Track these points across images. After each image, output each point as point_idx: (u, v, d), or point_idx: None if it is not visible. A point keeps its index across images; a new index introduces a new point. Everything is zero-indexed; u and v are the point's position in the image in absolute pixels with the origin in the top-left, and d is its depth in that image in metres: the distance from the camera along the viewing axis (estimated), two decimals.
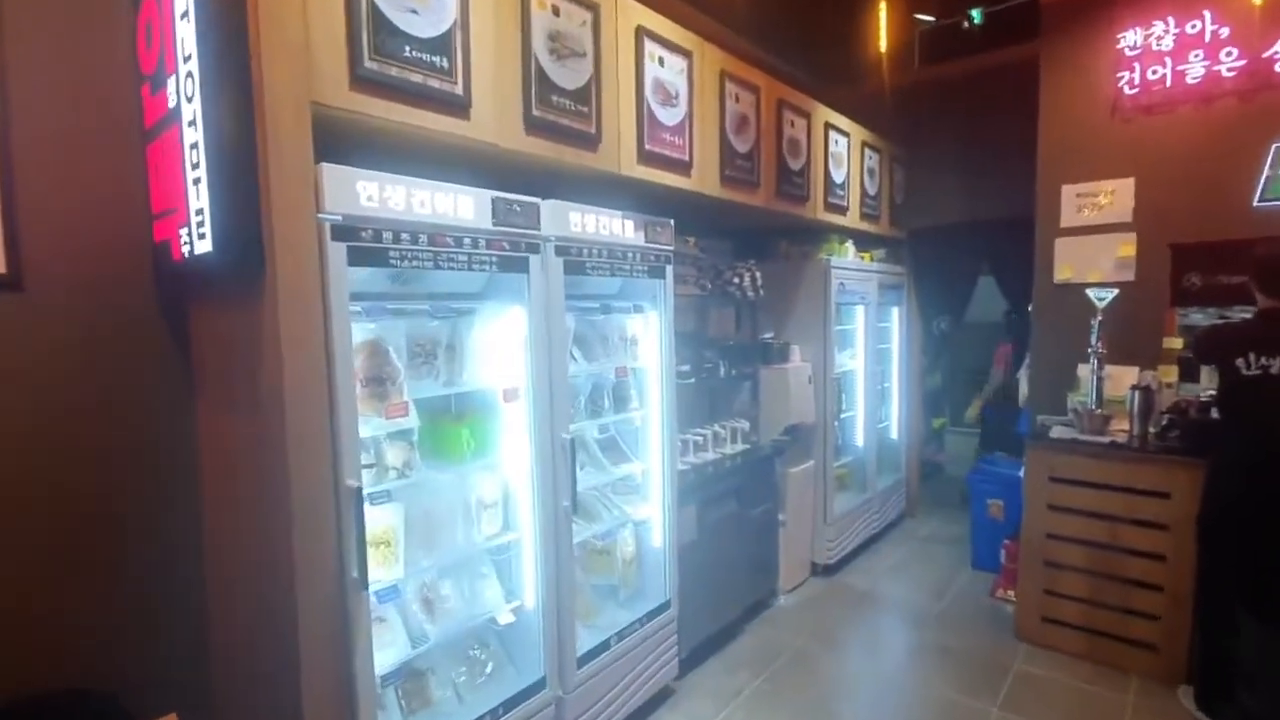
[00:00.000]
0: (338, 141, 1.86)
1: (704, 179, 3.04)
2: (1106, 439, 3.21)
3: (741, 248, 4.49)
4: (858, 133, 4.40)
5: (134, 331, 1.98)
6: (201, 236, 1.70)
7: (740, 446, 3.79)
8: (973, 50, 4.46)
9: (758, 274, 3.72)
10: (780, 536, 3.92)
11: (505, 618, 2.39)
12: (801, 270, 4.20)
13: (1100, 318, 3.38)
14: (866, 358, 4.72)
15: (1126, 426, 3.23)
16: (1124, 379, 3.46)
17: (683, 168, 2.90)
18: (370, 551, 1.97)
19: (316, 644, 1.73)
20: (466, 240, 2.04)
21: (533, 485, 2.34)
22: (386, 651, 2.03)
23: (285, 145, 1.63)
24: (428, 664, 2.25)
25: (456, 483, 2.28)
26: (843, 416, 4.61)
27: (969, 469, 4.96)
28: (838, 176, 4.16)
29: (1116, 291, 3.42)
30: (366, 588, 1.80)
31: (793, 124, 3.65)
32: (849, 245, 4.48)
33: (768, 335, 4.19)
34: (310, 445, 1.69)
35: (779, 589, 3.95)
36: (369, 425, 1.91)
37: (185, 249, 1.80)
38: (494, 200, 2.10)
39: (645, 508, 3.01)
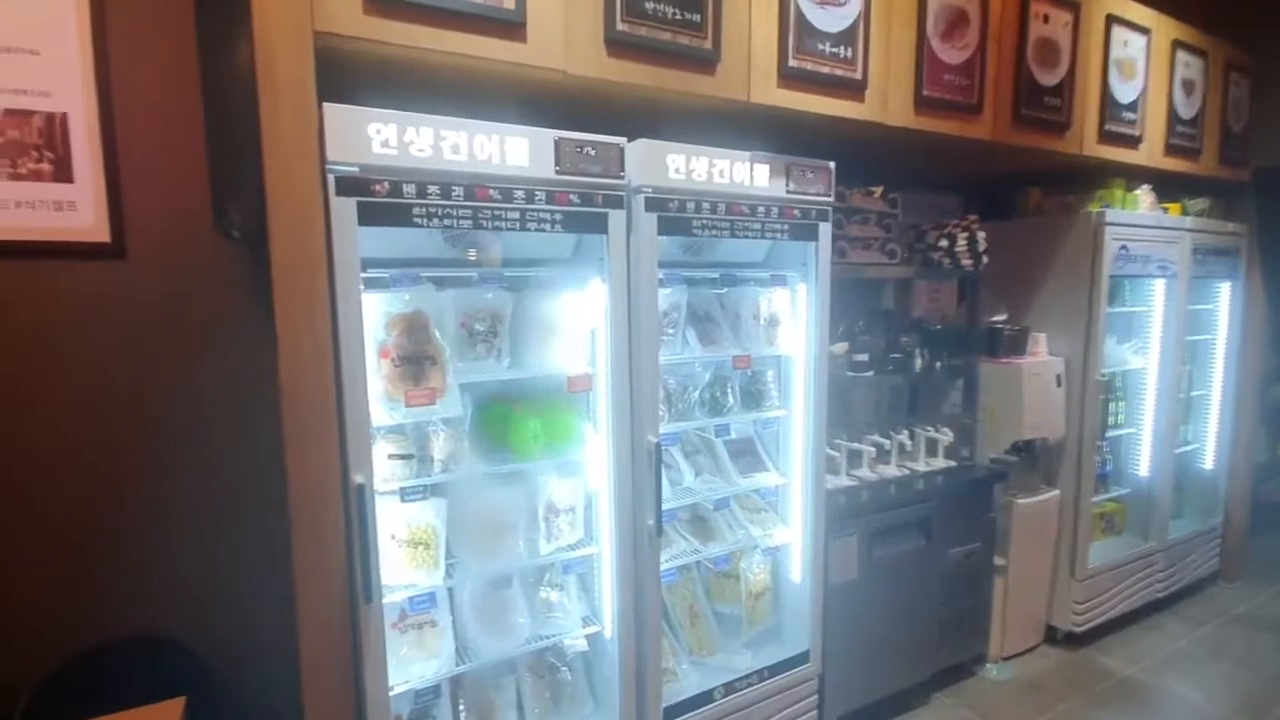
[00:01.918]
0: (358, 83, 1.60)
1: (886, 104, 2.24)
2: None
3: (972, 200, 3.45)
4: (1164, 27, 3.02)
5: (214, 292, 1.98)
6: None
7: (940, 463, 2.90)
8: None
9: (979, 235, 2.74)
10: (997, 586, 2.95)
11: (577, 643, 2.03)
12: (1057, 229, 3.04)
13: None
14: (1164, 353, 3.33)
15: None
16: None
17: (850, 89, 2.15)
18: (406, 552, 1.75)
19: (319, 655, 1.54)
20: (519, 193, 1.65)
21: (610, 496, 1.92)
22: (427, 664, 1.80)
23: (282, 84, 1.40)
24: (487, 679, 1.99)
25: (520, 482, 1.95)
26: (1115, 433, 3.33)
27: None
28: (1124, 94, 2.90)
29: None
30: (370, 599, 1.56)
31: (1045, 18, 2.57)
32: (1142, 193, 3.15)
33: (998, 318, 3.14)
34: (310, 434, 1.48)
35: (989, 654, 2.99)
36: (400, 413, 1.66)
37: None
38: (558, 142, 1.68)
39: (783, 531, 2.39)
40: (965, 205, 3.45)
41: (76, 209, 1.87)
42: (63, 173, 1.83)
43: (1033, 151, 2.69)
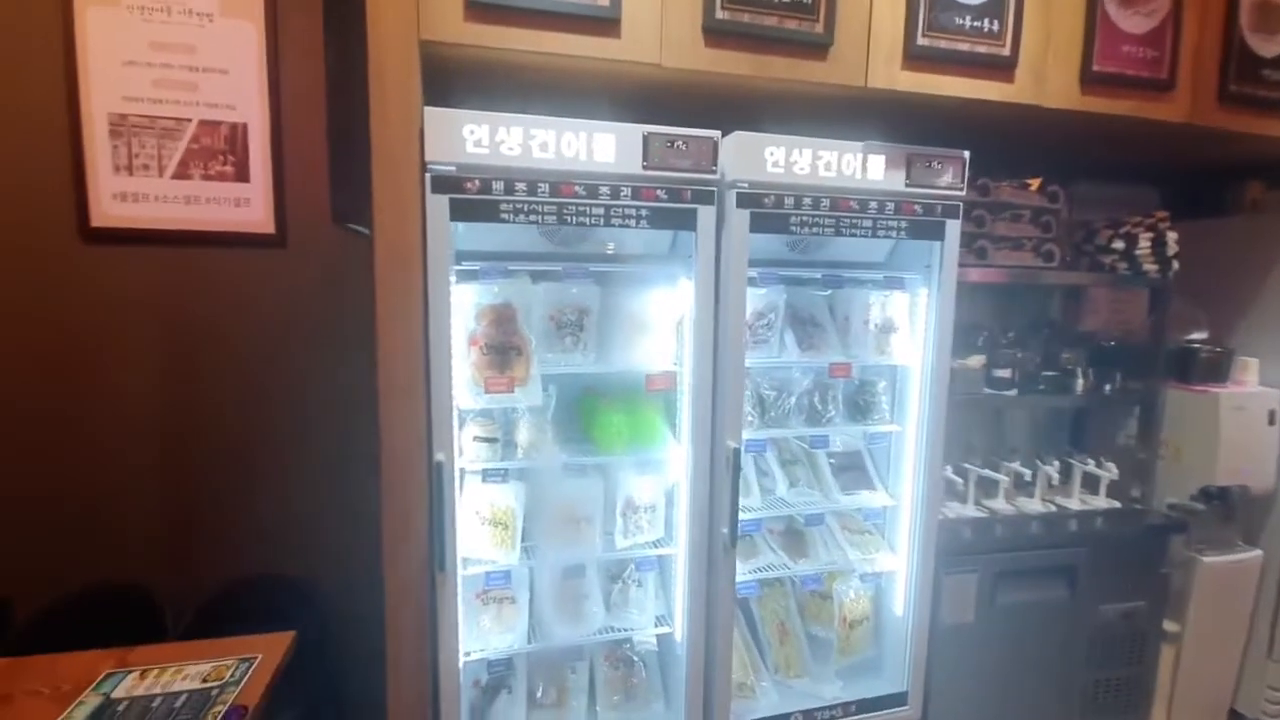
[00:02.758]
0: (455, 84, 1.69)
1: (1042, 82, 1.93)
2: None
3: (1170, 193, 2.89)
4: None
5: (351, 279, 2.21)
6: None
7: (1101, 503, 2.49)
8: None
9: (1169, 236, 2.28)
10: (1165, 656, 2.47)
11: (648, 641, 2.03)
12: (1275, 231, 2.45)
13: None
14: None
15: None
16: None
17: (996, 67, 1.88)
18: (488, 530, 1.85)
19: (399, 614, 1.68)
20: (604, 189, 1.66)
21: (686, 499, 1.88)
22: (502, 637, 1.90)
23: (390, 90, 1.52)
24: (561, 661, 2.05)
25: (601, 475, 1.97)
26: None
27: None
28: None
29: None
30: (444, 567, 1.67)
31: None
32: None
33: (1195, 337, 2.60)
34: (400, 413, 1.61)
35: None
36: (484, 398, 1.75)
37: None
38: (647, 137, 1.66)
39: (888, 558, 2.19)
40: (1162, 200, 2.90)
41: (250, 205, 2.19)
42: (241, 174, 2.16)
43: (1244, 137, 2.18)
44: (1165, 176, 2.85)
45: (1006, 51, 1.87)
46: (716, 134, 1.71)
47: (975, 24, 1.83)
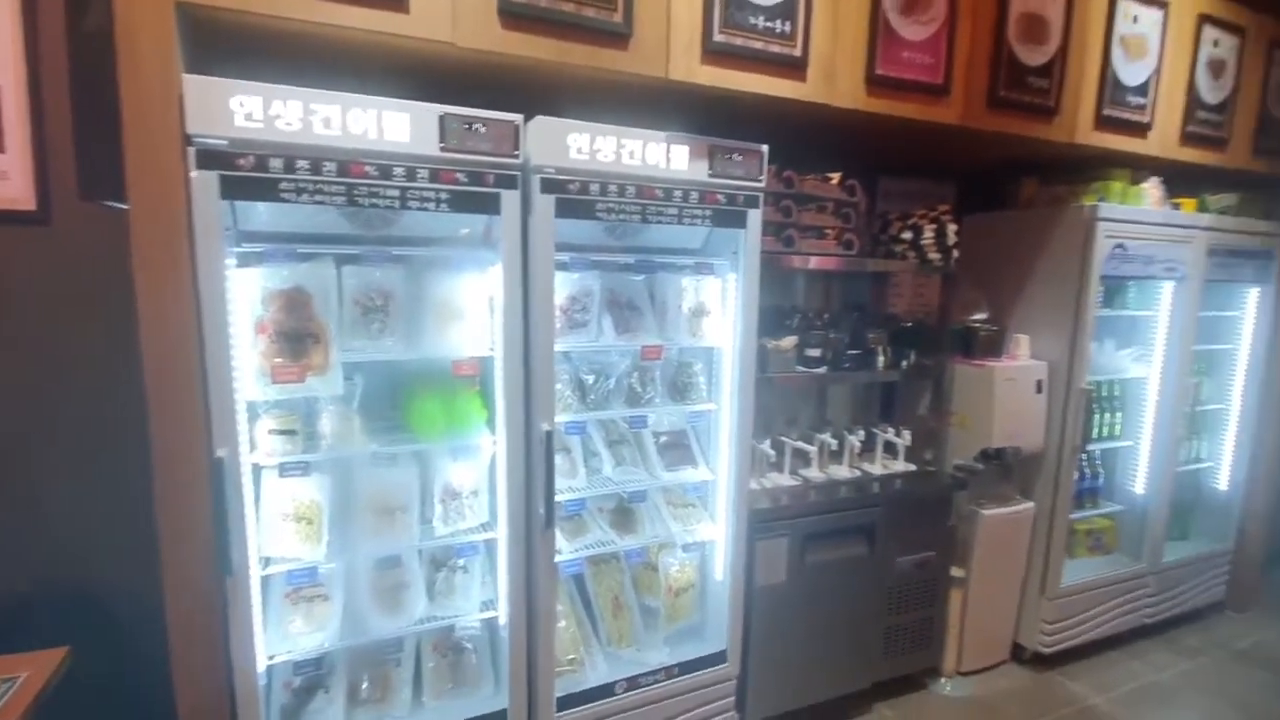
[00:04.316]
0: (244, 59, 1.58)
1: (832, 83, 2.09)
2: None
3: (967, 189, 3.23)
4: (1188, 1, 2.72)
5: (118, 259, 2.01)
6: None
7: (899, 467, 2.76)
8: None
9: (949, 227, 2.55)
10: (957, 598, 2.80)
11: (472, 627, 2.03)
12: (1046, 223, 2.81)
13: None
14: (1169, 362, 3.06)
15: None
16: None
17: (789, 66, 2.01)
18: (292, 527, 1.77)
19: (184, 623, 1.58)
20: (398, 170, 1.62)
21: (503, 482, 1.89)
22: (312, 636, 1.83)
23: (143, 55, 1.39)
24: (383, 655, 2.01)
25: (418, 463, 1.95)
26: (1105, 446, 3.10)
27: None
28: (1131, 75, 2.63)
29: None
30: (230, 571, 1.58)
31: None
32: (1148, 186, 2.87)
33: (977, 317, 2.94)
34: (173, 406, 1.50)
35: (943, 668, 2.86)
36: (276, 389, 1.66)
37: None
38: (443, 118, 1.63)
39: (709, 528, 2.32)
40: (956, 194, 3.24)
41: (8, 178, 1.93)
42: None
43: (1015, 139, 2.47)
44: (958, 173, 3.18)
45: (798, 52, 2.00)
46: (518, 118, 1.71)
47: (769, 24, 1.94)
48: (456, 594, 2.02)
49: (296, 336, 1.67)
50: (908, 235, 2.53)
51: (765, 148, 2.02)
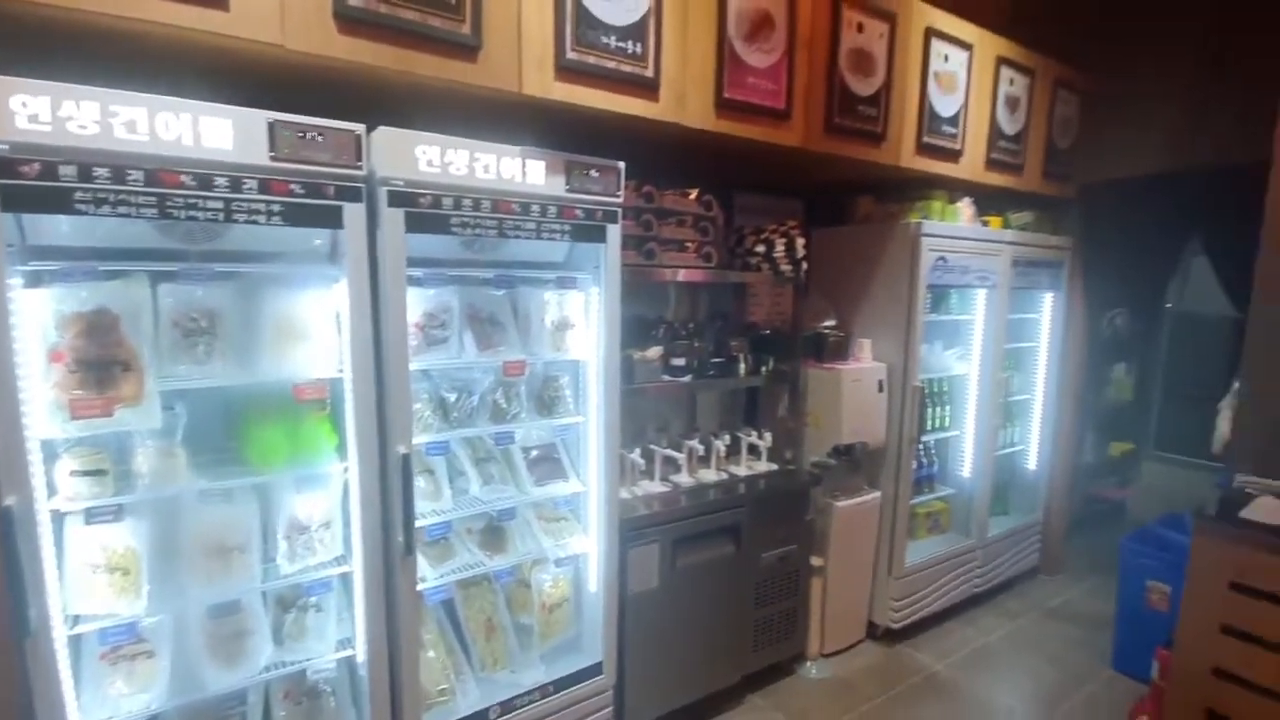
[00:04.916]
0: (54, 58, 1.40)
1: (683, 104, 2.18)
2: None
3: (813, 205, 3.48)
4: (989, 45, 3.12)
5: None
6: None
7: (762, 467, 2.92)
8: None
9: (798, 241, 2.74)
10: (815, 587, 2.99)
11: (327, 669, 1.90)
12: (881, 238, 3.10)
13: None
14: (985, 360, 3.47)
15: None
16: None
17: (642, 86, 2.08)
18: (104, 579, 1.56)
19: None
20: (221, 180, 1.48)
21: (357, 511, 1.78)
22: (135, 699, 1.62)
23: None
24: (222, 711, 1.82)
25: (256, 498, 1.79)
26: (939, 436, 3.45)
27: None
28: (945, 108, 2.97)
29: None
30: (29, 631, 1.37)
31: (860, 27, 2.58)
32: (962, 205, 3.25)
33: (826, 324, 3.18)
34: None
35: (808, 653, 3.04)
36: (77, 425, 1.47)
37: None
38: (273, 125, 1.52)
39: (581, 540, 2.33)
40: (807, 210, 3.49)
41: None
42: None
43: (849, 161, 2.70)
44: (805, 190, 3.43)
45: (650, 73, 2.07)
46: (360, 128, 1.63)
47: (620, 45, 2.00)
48: (309, 635, 1.88)
49: (101, 365, 1.48)
50: (761, 248, 2.69)
51: (622, 164, 2.07)
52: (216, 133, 1.46)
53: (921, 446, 3.31)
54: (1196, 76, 3.25)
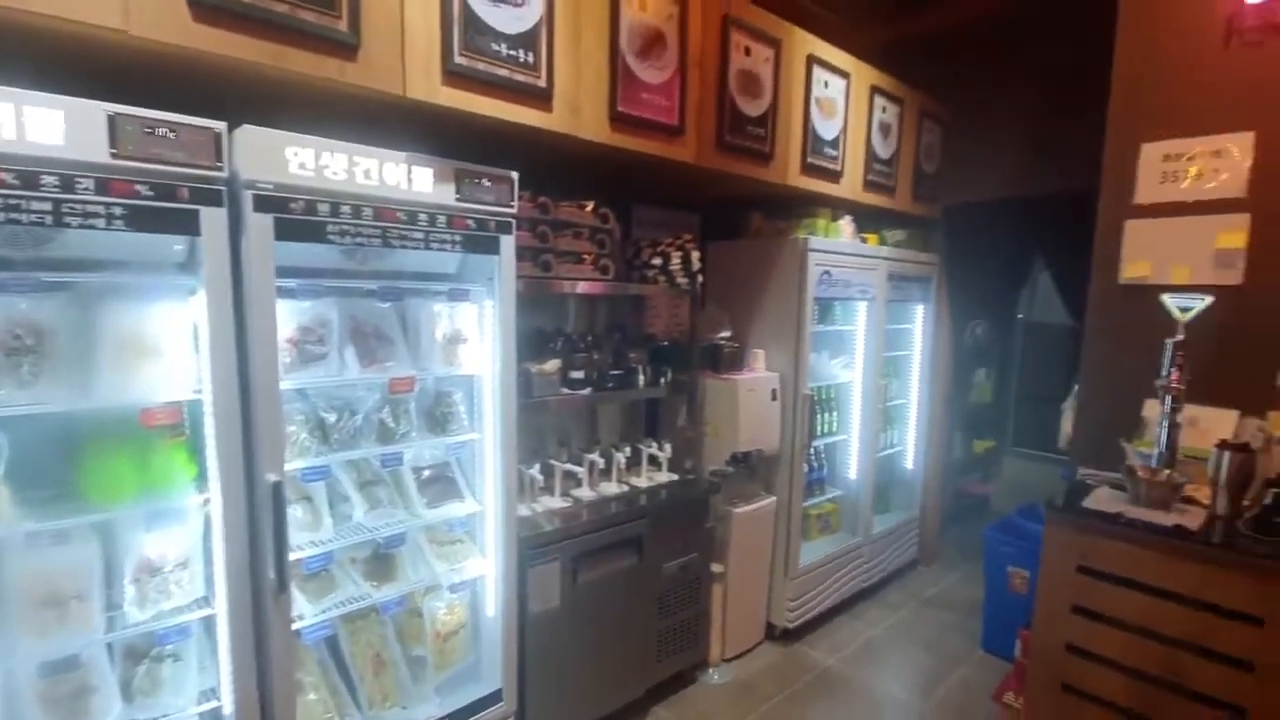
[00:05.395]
0: None
1: (578, 116, 2.17)
2: (1170, 519, 2.13)
3: (709, 219, 3.57)
4: (864, 75, 3.35)
5: None
6: None
7: (663, 477, 2.94)
8: None
9: (693, 254, 2.80)
10: (716, 593, 3.04)
11: None
12: (772, 253, 3.23)
13: (1181, 336, 2.27)
14: (866, 368, 3.70)
15: (1208, 501, 2.18)
16: (1214, 428, 2.35)
17: (535, 96, 2.05)
18: None
19: None
20: (48, 179, 1.30)
21: (220, 547, 1.61)
22: None
23: None
24: None
25: (96, 539, 1.58)
26: (828, 441, 3.63)
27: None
28: (826, 131, 3.15)
29: (1211, 299, 2.29)
30: None
31: (748, 51, 2.69)
32: (843, 223, 3.46)
33: (722, 335, 3.27)
34: None
35: (710, 659, 3.08)
36: None
37: None
38: (113, 117, 1.35)
39: (478, 563, 2.23)
40: (703, 224, 3.58)
41: None
42: None
43: (740, 178, 2.80)
44: (701, 204, 3.52)
45: (543, 83, 2.05)
46: (220, 125, 1.49)
47: (512, 52, 1.96)
48: (164, 689, 1.67)
49: None
50: (658, 261, 2.72)
51: (515, 174, 2.03)
52: (45, 125, 1.28)
53: (812, 451, 3.47)
54: (1039, 113, 3.65)
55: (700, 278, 2.87)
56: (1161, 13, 2.54)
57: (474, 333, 2.12)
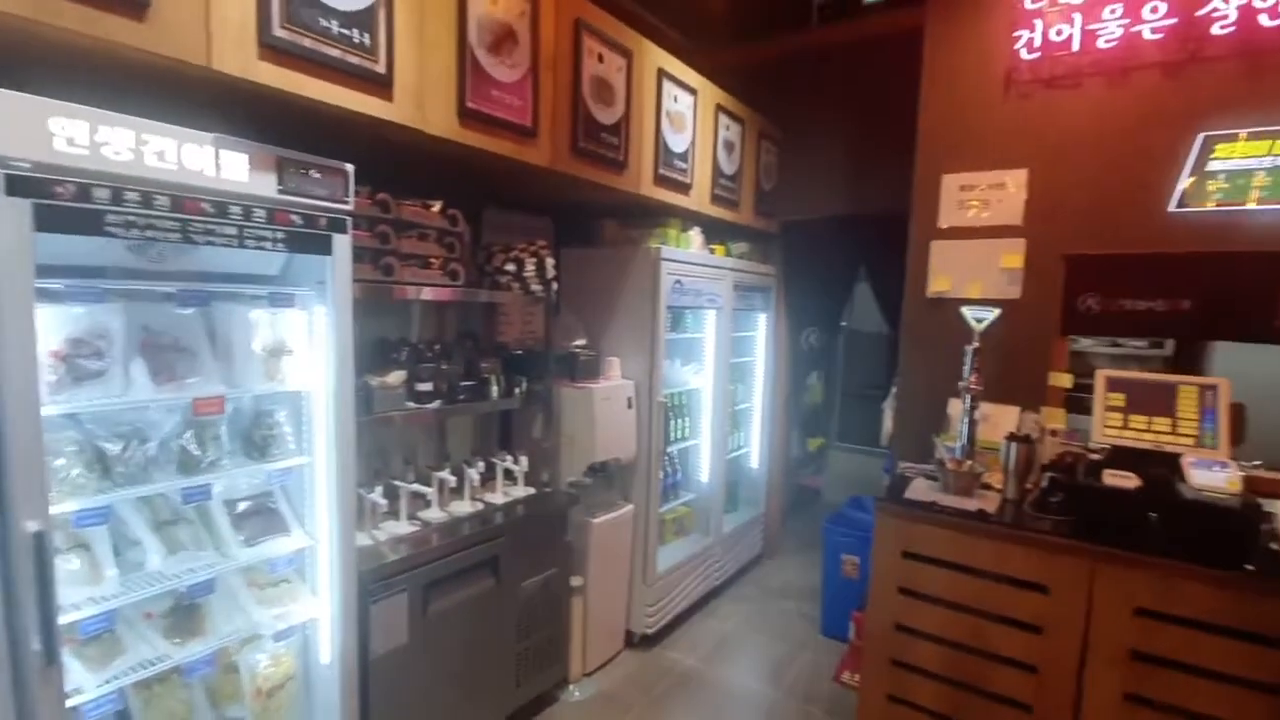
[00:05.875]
0: None
1: (422, 108, 2.01)
2: (973, 504, 2.42)
3: (563, 225, 3.51)
4: (710, 93, 3.49)
5: None
6: None
7: (519, 492, 2.82)
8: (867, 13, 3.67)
9: (548, 261, 2.73)
10: (576, 607, 2.97)
11: None
12: (626, 261, 3.25)
13: (977, 343, 2.60)
14: (716, 374, 3.84)
15: (1001, 486, 2.50)
16: (1002, 422, 2.72)
17: (372, 82, 1.86)
18: None
19: None
20: None
21: None
22: None
23: None
24: None
25: None
26: (681, 446, 3.72)
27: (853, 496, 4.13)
28: (676, 144, 3.23)
29: (999, 311, 2.64)
30: None
31: (601, 58, 2.67)
32: (694, 234, 3.57)
33: (578, 343, 3.22)
34: None
35: (571, 676, 3.01)
36: None
37: None
38: None
39: (310, 604, 1.97)
40: (557, 230, 3.51)
41: None
42: None
43: (595, 185, 2.78)
44: (555, 209, 3.45)
45: (382, 69, 1.87)
46: None
47: (344, 31, 1.76)
48: None
49: None
50: (511, 267, 2.61)
51: (351, 166, 1.82)
52: None
53: (667, 457, 3.53)
54: (862, 141, 4.03)
55: (555, 285, 2.80)
56: (957, 62, 2.91)
57: (301, 342, 1.88)
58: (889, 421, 3.34)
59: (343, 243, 1.83)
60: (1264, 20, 2.27)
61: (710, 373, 3.83)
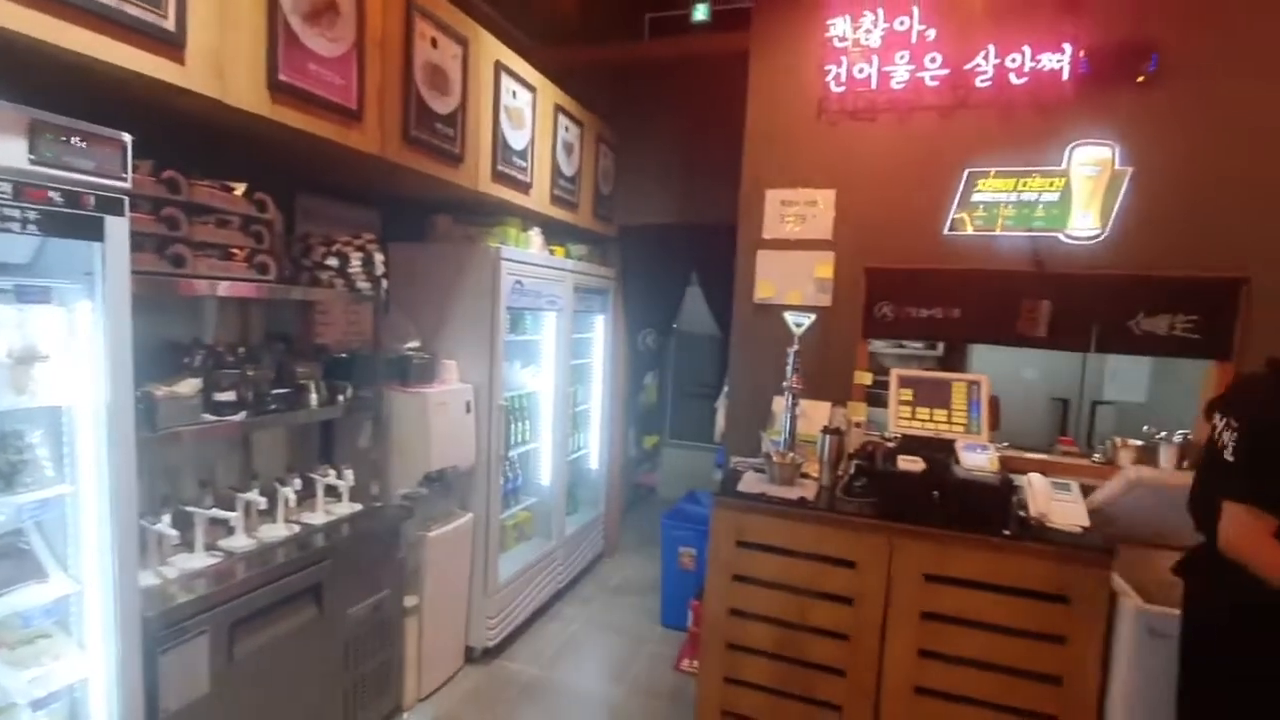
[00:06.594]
0: None
1: (222, 76, 1.75)
2: (795, 493, 2.65)
3: (391, 218, 3.27)
4: (549, 92, 3.45)
5: None
6: None
7: (344, 509, 2.57)
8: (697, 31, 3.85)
9: (377, 256, 2.52)
10: (410, 629, 2.77)
11: None
12: (464, 259, 3.10)
13: (797, 346, 2.85)
14: (557, 376, 3.82)
15: (818, 475, 2.76)
16: (817, 417, 3.01)
17: (155, 38, 1.58)
18: None
19: None
20: None
21: None
22: None
23: None
24: None
25: None
26: (521, 450, 3.64)
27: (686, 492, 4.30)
28: (515, 140, 3.15)
29: (814, 317, 2.92)
30: None
31: (435, 42, 2.52)
32: (534, 234, 3.52)
33: (411, 345, 3.02)
34: None
35: (404, 703, 2.80)
36: None
37: None
38: None
39: (78, 662, 1.62)
40: (384, 223, 3.26)
41: None
42: None
43: (429, 177, 2.61)
44: (380, 200, 3.20)
45: (170, 25, 1.59)
46: None
47: None
48: None
49: None
50: (334, 262, 2.37)
51: (128, 137, 1.53)
52: None
53: (508, 462, 3.43)
54: (692, 150, 4.23)
55: (385, 282, 2.59)
56: (779, 85, 3.17)
57: (60, 347, 1.54)
58: (722, 419, 3.55)
59: (118, 226, 1.53)
60: (1013, 79, 2.75)
61: (550, 375, 3.80)
